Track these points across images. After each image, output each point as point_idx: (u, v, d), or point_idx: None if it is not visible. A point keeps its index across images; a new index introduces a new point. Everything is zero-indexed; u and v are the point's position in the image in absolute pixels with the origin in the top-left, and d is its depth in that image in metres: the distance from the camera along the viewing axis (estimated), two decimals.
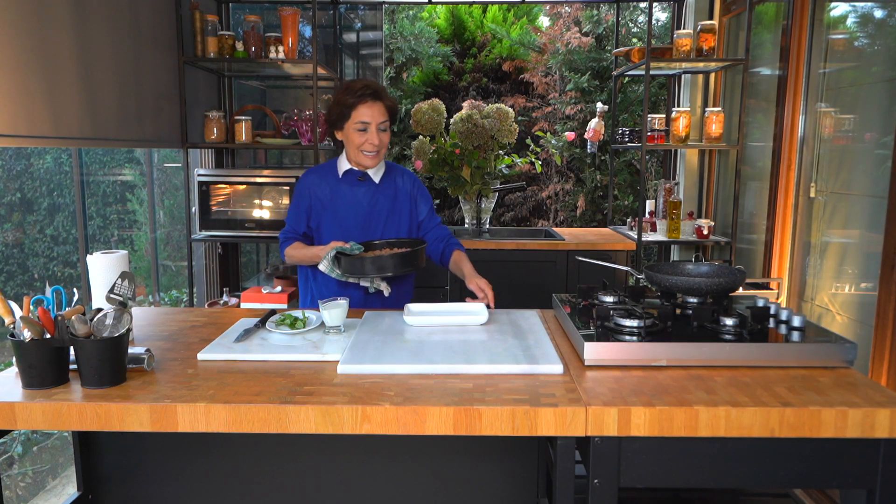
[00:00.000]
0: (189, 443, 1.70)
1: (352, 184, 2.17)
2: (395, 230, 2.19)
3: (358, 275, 1.96)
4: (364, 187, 2.17)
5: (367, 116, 2.04)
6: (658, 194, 3.78)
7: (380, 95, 2.06)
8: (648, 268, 1.81)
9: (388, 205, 2.19)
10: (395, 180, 2.23)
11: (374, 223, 2.17)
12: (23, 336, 1.30)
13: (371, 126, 2.05)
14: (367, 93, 2.04)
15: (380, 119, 2.06)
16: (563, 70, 5.73)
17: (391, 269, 1.88)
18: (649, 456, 1.24)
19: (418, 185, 2.28)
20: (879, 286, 2.18)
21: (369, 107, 2.04)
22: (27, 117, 2.22)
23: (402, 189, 2.22)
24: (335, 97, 2.10)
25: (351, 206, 2.16)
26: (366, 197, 2.17)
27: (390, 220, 2.19)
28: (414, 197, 2.25)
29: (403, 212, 2.21)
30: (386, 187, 2.20)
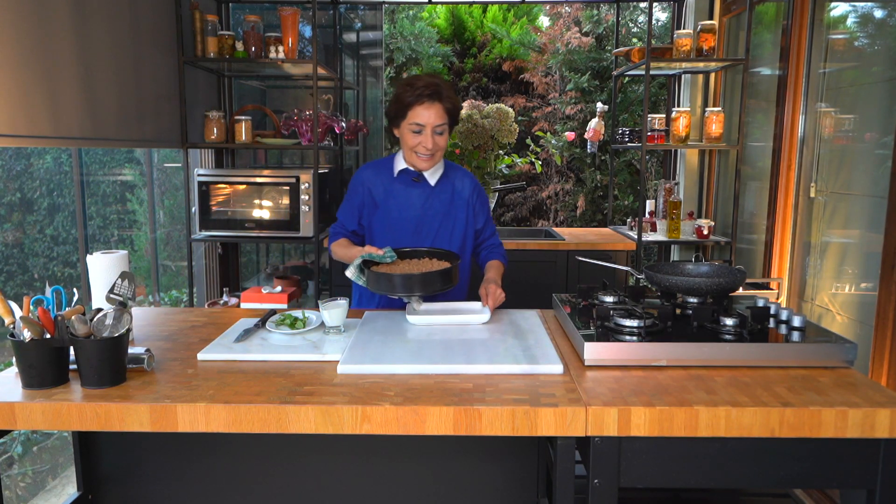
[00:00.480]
0: (189, 443, 1.70)
1: (406, 184, 2.07)
2: (448, 236, 2.09)
3: (385, 291, 1.77)
4: (419, 189, 2.07)
5: (423, 118, 1.93)
6: (658, 194, 3.78)
7: (440, 96, 1.93)
8: (648, 268, 1.81)
9: (442, 209, 2.08)
10: (454, 183, 2.12)
11: (427, 227, 2.08)
12: (23, 336, 1.29)
13: (426, 129, 1.94)
14: (425, 93, 1.91)
15: (436, 122, 1.94)
16: (563, 70, 5.73)
17: (419, 288, 1.71)
18: (649, 456, 1.24)
19: (479, 191, 2.17)
20: (879, 286, 2.18)
21: (426, 108, 1.92)
22: (27, 117, 2.22)
23: (460, 193, 2.11)
24: (395, 92, 1.99)
25: (403, 207, 2.07)
26: (420, 199, 2.07)
27: (444, 224, 2.09)
28: (473, 203, 2.13)
29: (459, 217, 2.10)
30: (442, 190, 2.09)
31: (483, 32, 6.21)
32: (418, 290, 1.71)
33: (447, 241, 2.08)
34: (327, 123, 3.46)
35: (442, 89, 1.94)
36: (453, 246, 2.09)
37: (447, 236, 2.09)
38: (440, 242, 2.07)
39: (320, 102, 3.72)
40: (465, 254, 2.13)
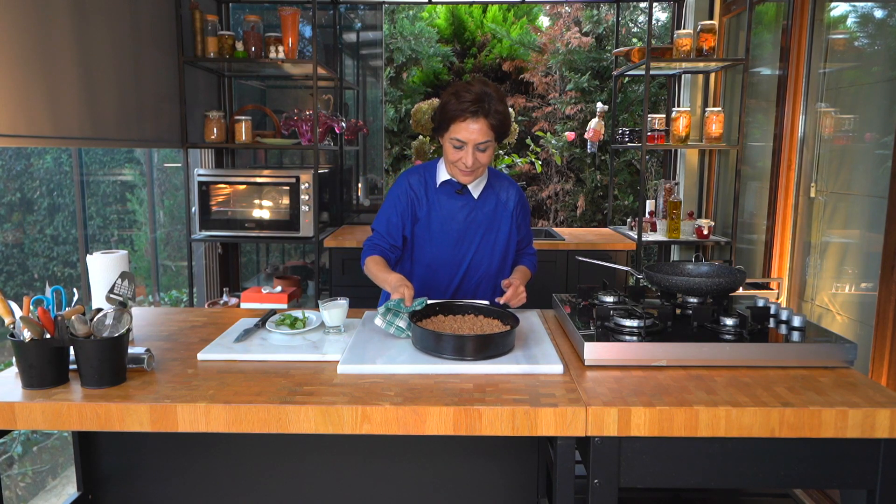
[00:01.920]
0: (189, 443, 1.70)
1: (449, 195, 1.98)
2: (490, 248, 2.01)
3: (430, 350, 1.51)
4: (461, 201, 1.98)
5: (465, 135, 1.81)
6: (658, 194, 3.78)
7: (486, 111, 1.79)
8: (648, 268, 1.81)
9: (486, 221, 2.00)
10: (499, 194, 2.03)
11: (469, 240, 1.99)
12: (23, 336, 1.29)
13: (468, 146, 1.82)
14: (470, 108, 1.78)
15: (479, 139, 1.81)
16: (563, 70, 5.73)
17: (472, 353, 1.46)
18: (649, 456, 1.24)
19: (523, 202, 2.09)
20: (879, 286, 2.18)
21: (470, 124, 1.80)
22: (27, 117, 2.22)
23: (504, 204, 2.02)
24: (442, 99, 1.87)
25: (446, 220, 1.97)
26: (462, 212, 1.98)
27: (486, 237, 2.00)
28: (517, 215, 2.05)
29: (502, 230, 2.02)
30: (485, 202, 2.00)
31: (483, 32, 6.21)
32: (470, 354, 1.46)
33: (489, 253, 2.01)
34: (327, 123, 3.46)
35: (490, 103, 1.79)
36: (494, 257, 2.01)
37: (489, 249, 2.01)
38: (481, 254, 2.00)
39: (320, 102, 3.72)
40: (507, 265, 2.07)
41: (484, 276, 2.04)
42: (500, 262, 2.04)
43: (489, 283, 2.05)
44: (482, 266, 2.02)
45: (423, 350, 1.50)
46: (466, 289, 2.05)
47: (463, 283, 2.03)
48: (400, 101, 5.80)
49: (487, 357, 1.46)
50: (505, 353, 1.49)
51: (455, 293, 2.04)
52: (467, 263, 2.01)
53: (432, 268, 2.01)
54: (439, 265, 2.01)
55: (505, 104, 1.85)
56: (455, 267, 2.01)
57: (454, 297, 2.03)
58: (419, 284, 2.03)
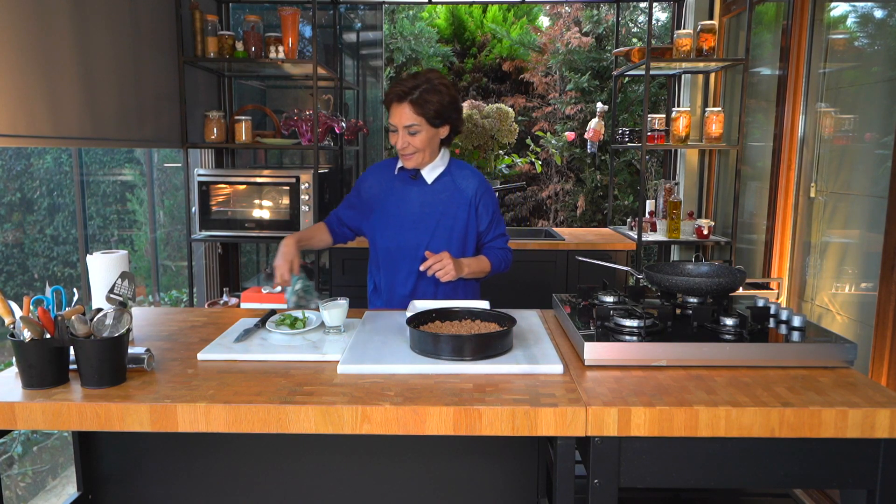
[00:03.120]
0: (189, 443, 1.70)
1: (404, 181, 2.09)
2: (447, 235, 2.05)
3: (429, 353, 1.50)
4: (417, 187, 2.08)
5: (394, 118, 1.96)
6: (658, 194, 3.78)
7: (411, 97, 1.92)
8: (648, 268, 1.81)
9: (440, 207, 2.06)
10: (457, 181, 2.08)
11: (425, 225, 2.06)
12: (23, 336, 1.29)
13: (398, 128, 1.97)
14: (396, 93, 1.94)
15: (405, 122, 1.94)
16: (563, 70, 5.73)
17: (469, 353, 1.46)
18: (649, 456, 1.24)
19: (483, 191, 2.10)
20: (879, 286, 2.18)
21: (395, 107, 1.95)
22: (27, 117, 2.22)
23: (462, 192, 2.07)
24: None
25: (400, 204, 2.08)
26: (418, 197, 2.07)
27: (442, 223, 2.05)
28: (475, 204, 2.08)
29: (459, 217, 2.06)
30: (441, 189, 2.07)
31: (483, 32, 6.21)
32: (468, 354, 1.46)
33: (445, 240, 2.06)
34: (327, 123, 3.46)
35: (417, 90, 1.92)
36: (452, 246, 2.06)
37: (445, 235, 2.06)
38: (438, 240, 2.05)
39: (320, 102, 3.72)
40: (467, 255, 2.11)
41: None
42: (459, 251, 2.07)
43: None
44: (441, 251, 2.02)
45: (422, 352, 1.50)
46: (429, 279, 2.05)
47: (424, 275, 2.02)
48: None
49: (485, 357, 1.46)
50: (503, 353, 1.49)
51: (417, 282, 2.08)
52: (426, 248, 2.04)
53: (392, 253, 2.09)
54: (398, 250, 2.08)
55: (442, 94, 1.96)
56: (414, 250, 2.05)
57: (416, 285, 2.09)
58: (384, 272, 2.12)
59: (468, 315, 1.68)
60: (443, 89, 1.96)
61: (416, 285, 2.08)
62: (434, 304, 1.82)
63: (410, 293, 2.08)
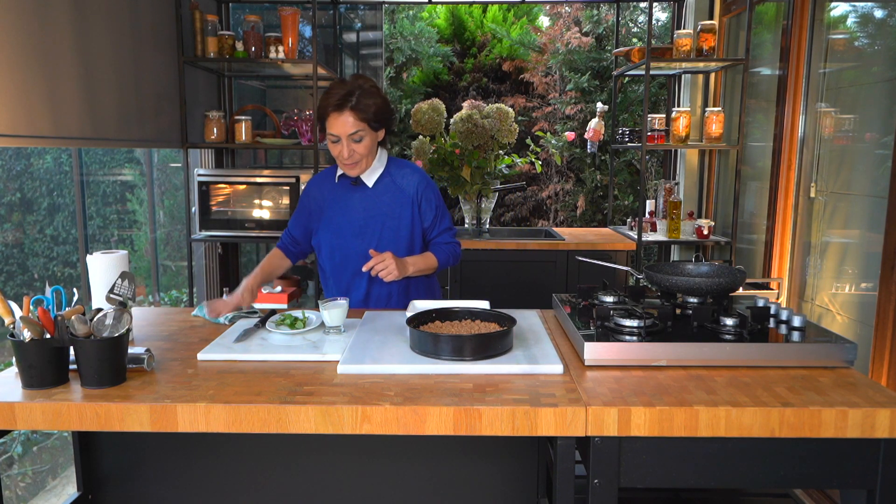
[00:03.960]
0: (189, 443, 1.70)
1: (346, 188, 2.07)
2: (394, 237, 2.04)
3: (429, 353, 1.50)
4: (359, 192, 2.06)
5: (335, 128, 1.91)
6: (658, 194, 3.78)
7: (350, 103, 1.88)
8: (648, 268, 1.81)
9: (384, 209, 2.04)
10: (396, 181, 2.06)
11: (370, 231, 2.04)
12: (23, 336, 1.29)
13: (341, 138, 1.92)
14: (333, 102, 1.89)
15: (349, 130, 1.90)
16: (563, 70, 5.72)
17: (469, 353, 1.46)
18: (649, 456, 1.24)
19: (424, 187, 2.08)
20: (879, 286, 2.18)
21: (336, 117, 1.90)
22: (27, 117, 2.22)
23: (403, 191, 2.06)
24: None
25: (344, 212, 2.06)
26: (361, 203, 2.05)
27: (388, 225, 2.04)
28: (417, 201, 2.06)
29: (404, 216, 2.05)
30: (383, 191, 2.06)
31: (483, 32, 6.21)
32: (468, 354, 1.46)
33: (392, 242, 2.03)
34: None
35: (354, 97, 1.88)
36: (399, 247, 2.03)
37: (392, 237, 2.04)
38: (385, 244, 2.02)
39: None
40: (415, 254, 2.08)
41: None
42: (406, 251, 2.06)
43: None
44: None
45: (422, 353, 1.50)
46: (380, 283, 2.04)
47: (376, 279, 2.01)
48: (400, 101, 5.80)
49: (485, 357, 1.46)
50: (503, 354, 1.49)
51: (369, 289, 2.07)
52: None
53: (341, 261, 2.07)
54: (346, 259, 2.06)
55: (377, 97, 1.94)
56: (362, 258, 2.00)
57: (369, 290, 2.07)
58: (333, 282, 2.11)
59: (468, 315, 1.68)
60: (375, 91, 1.94)
61: (369, 290, 2.07)
62: (434, 304, 1.82)
63: (364, 298, 2.08)
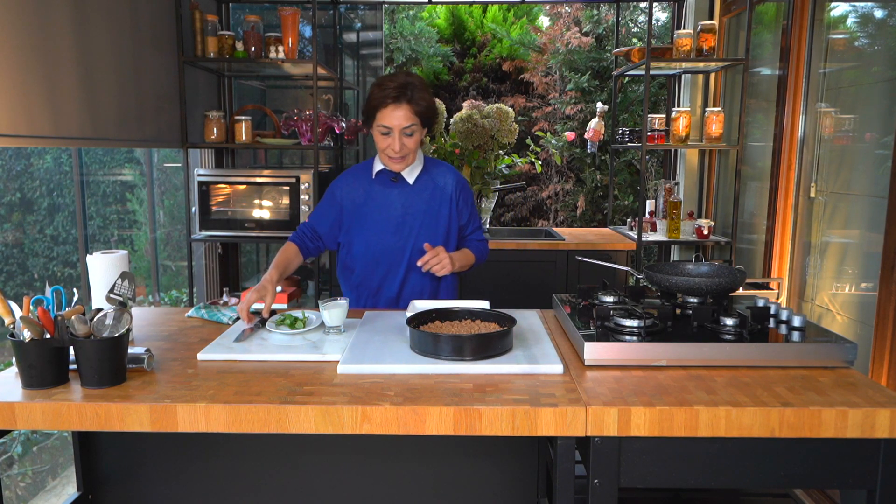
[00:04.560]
0: (189, 443, 1.70)
1: (385, 185, 2.05)
2: (431, 234, 2.04)
3: (429, 353, 1.50)
4: (397, 189, 2.04)
5: (389, 120, 1.91)
6: (658, 194, 3.78)
7: (408, 97, 1.89)
8: (648, 268, 1.81)
9: (423, 207, 2.04)
10: (436, 179, 2.07)
11: (408, 228, 2.03)
12: (23, 336, 1.29)
13: (394, 131, 1.92)
14: (391, 94, 1.88)
15: (404, 124, 1.91)
16: (563, 70, 5.73)
17: (469, 353, 1.46)
18: (649, 456, 1.24)
19: (462, 187, 2.11)
20: (879, 286, 2.18)
21: (393, 110, 1.90)
22: (27, 117, 2.22)
23: (442, 190, 2.06)
24: (368, 92, 1.97)
25: (382, 209, 2.04)
26: (399, 199, 2.04)
27: (426, 223, 2.04)
28: (456, 199, 2.08)
29: (441, 215, 2.06)
30: (423, 188, 2.05)
31: (483, 32, 6.21)
32: (468, 354, 1.46)
33: (429, 239, 2.03)
34: (327, 123, 3.46)
35: (410, 90, 1.89)
36: (435, 244, 2.02)
37: (429, 235, 2.04)
38: (423, 240, 2.02)
39: (320, 102, 3.72)
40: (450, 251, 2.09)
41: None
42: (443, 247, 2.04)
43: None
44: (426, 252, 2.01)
45: (422, 353, 1.50)
46: (414, 280, 2.06)
47: (410, 273, 2.04)
48: None
49: (485, 357, 1.46)
50: (503, 354, 1.49)
51: (403, 282, 2.06)
52: (409, 251, 2.03)
53: (376, 257, 2.05)
54: (381, 255, 2.04)
55: (428, 93, 1.95)
56: (398, 254, 2.03)
57: (402, 287, 2.06)
58: (363, 279, 2.08)
59: (468, 315, 1.67)
60: (427, 87, 1.96)
61: (402, 288, 2.07)
62: (434, 304, 1.82)
63: (396, 296, 2.07)
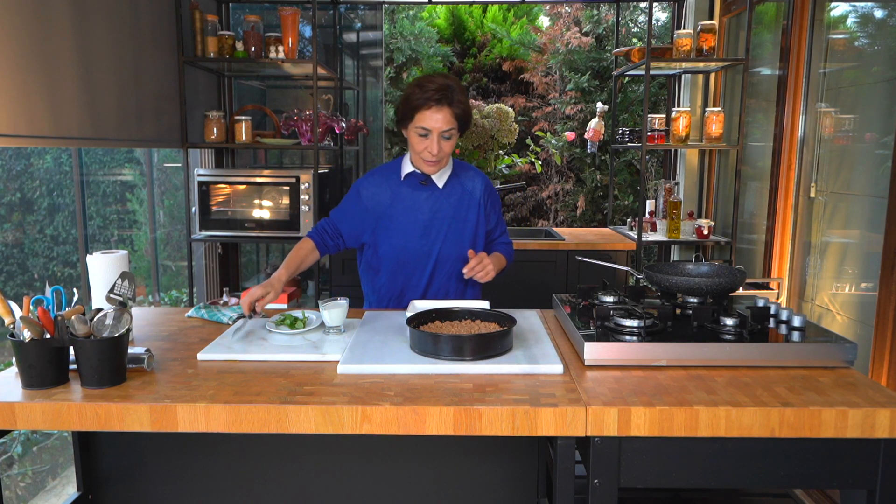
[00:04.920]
0: (189, 443, 1.70)
1: (413, 187, 2.01)
2: (458, 238, 2.03)
3: (429, 353, 1.50)
4: (426, 192, 2.01)
5: (430, 122, 1.86)
6: (658, 194, 3.78)
7: (449, 100, 1.85)
8: (648, 268, 1.81)
9: (451, 211, 2.02)
10: (464, 183, 2.06)
11: (436, 231, 2.01)
12: (23, 336, 1.29)
13: (433, 133, 1.87)
14: (434, 97, 1.84)
15: (444, 127, 1.87)
16: (563, 70, 5.73)
17: (469, 353, 1.46)
18: (649, 456, 1.24)
19: (491, 191, 2.11)
20: (879, 286, 2.18)
21: (434, 112, 1.85)
22: (27, 117, 2.22)
23: (471, 194, 2.05)
24: (406, 92, 1.93)
25: (410, 211, 2.01)
26: (427, 202, 2.01)
27: (453, 227, 2.02)
28: (484, 203, 2.07)
29: (469, 219, 2.04)
30: (451, 192, 2.03)
31: (483, 32, 6.21)
32: (468, 354, 1.46)
33: (456, 242, 2.03)
34: (327, 123, 3.46)
35: (452, 93, 1.86)
36: (462, 247, 2.03)
37: (456, 238, 2.03)
38: (449, 245, 2.02)
39: (320, 102, 3.72)
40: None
41: (454, 268, 2.04)
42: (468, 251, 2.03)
43: (460, 274, 2.03)
44: (452, 256, 2.03)
45: (422, 353, 1.50)
46: (438, 284, 2.05)
47: (434, 277, 2.04)
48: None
49: (485, 357, 1.46)
50: (503, 354, 1.49)
51: (427, 286, 2.05)
52: (436, 254, 2.02)
53: (401, 261, 2.03)
54: (408, 257, 2.03)
55: (466, 96, 1.93)
56: (424, 258, 2.02)
57: (426, 291, 2.06)
58: (387, 279, 2.06)
59: (468, 315, 1.67)
60: (465, 91, 1.94)
61: (427, 290, 2.05)
62: (434, 304, 1.82)
63: (421, 298, 2.05)
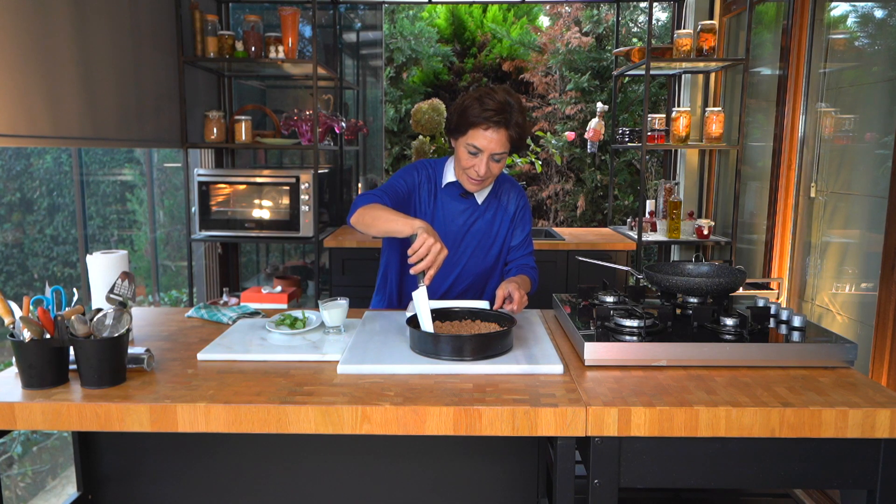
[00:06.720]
0: (189, 443, 1.70)
1: (453, 197, 1.95)
2: (484, 254, 1.99)
3: (429, 353, 1.49)
4: (464, 205, 1.96)
5: (483, 142, 1.77)
6: (658, 194, 3.78)
7: (507, 122, 1.75)
8: (648, 268, 1.81)
9: (484, 227, 1.97)
10: (501, 198, 2.00)
11: (465, 245, 1.97)
12: (22, 336, 1.29)
13: (483, 154, 1.79)
14: (493, 118, 1.74)
15: (497, 150, 1.78)
16: (563, 70, 5.73)
17: (469, 353, 1.46)
18: (649, 456, 1.24)
19: (523, 207, 2.04)
20: (880, 286, 2.18)
21: (491, 132, 1.76)
22: (27, 117, 2.22)
23: (505, 210, 2.00)
24: (463, 101, 1.81)
25: (445, 221, 1.94)
26: (463, 216, 1.96)
27: (483, 243, 1.98)
28: (516, 221, 2.02)
29: (500, 234, 1.99)
30: (486, 208, 1.98)
31: (483, 32, 6.21)
32: (468, 354, 1.45)
33: (481, 258, 1.98)
34: (327, 123, 3.46)
35: (511, 114, 1.76)
36: (486, 263, 1.99)
37: (482, 254, 1.99)
38: (476, 260, 1.97)
39: (320, 102, 3.72)
40: (497, 269, 2.03)
41: (475, 282, 2.02)
42: (491, 267, 2.03)
43: (478, 288, 2.03)
44: (475, 271, 2.01)
45: (422, 352, 1.50)
46: (455, 294, 2.03)
47: (453, 287, 2.01)
48: (400, 101, 5.81)
49: (485, 357, 1.46)
50: (503, 354, 1.49)
51: (444, 296, 2.01)
52: (460, 268, 1.99)
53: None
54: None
55: (525, 117, 1.83)
56: (449, 268, 1.98)
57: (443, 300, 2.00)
58: (408, 286, 2.02)
59: (468, 315, 1.67)
60: (524, 111, 1.83)
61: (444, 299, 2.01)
62: (434, 304, 1.81)
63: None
